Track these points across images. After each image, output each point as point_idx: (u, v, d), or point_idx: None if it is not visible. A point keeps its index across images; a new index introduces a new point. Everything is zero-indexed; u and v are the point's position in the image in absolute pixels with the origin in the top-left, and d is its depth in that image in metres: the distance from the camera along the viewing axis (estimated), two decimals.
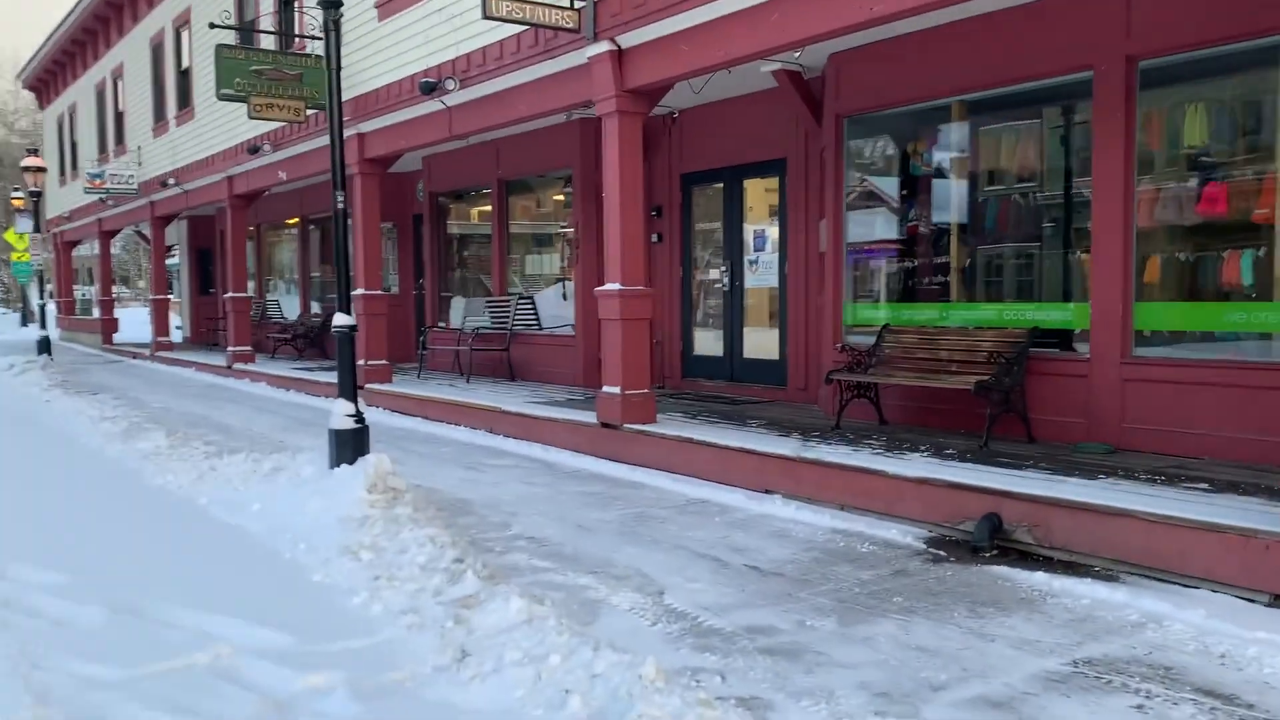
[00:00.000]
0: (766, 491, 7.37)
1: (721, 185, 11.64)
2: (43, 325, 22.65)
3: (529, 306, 14.05)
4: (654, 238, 12.14)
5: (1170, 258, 7.52)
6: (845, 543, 6.11)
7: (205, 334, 25.21)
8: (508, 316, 13.98)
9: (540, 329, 13.89)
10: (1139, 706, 3.71)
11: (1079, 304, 7.83)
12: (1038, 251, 8.40)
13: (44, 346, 21.80)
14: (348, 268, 7.68)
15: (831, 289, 9.65)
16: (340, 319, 7.58)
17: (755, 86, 10.48)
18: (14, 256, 27.73)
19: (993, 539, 5.91)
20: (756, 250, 11.16)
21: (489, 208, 15.16)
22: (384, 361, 13.40)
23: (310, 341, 19.28)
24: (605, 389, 9.03)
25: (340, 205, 7.60)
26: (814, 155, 10.27)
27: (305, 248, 20.90)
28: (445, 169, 15.81)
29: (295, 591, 5.20)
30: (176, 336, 25.82)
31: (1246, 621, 4.55)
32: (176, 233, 26.85)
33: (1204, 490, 5.86)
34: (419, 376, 14.59)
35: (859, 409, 8.67)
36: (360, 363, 12.81)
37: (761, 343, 11.14)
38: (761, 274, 11.10)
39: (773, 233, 10.95)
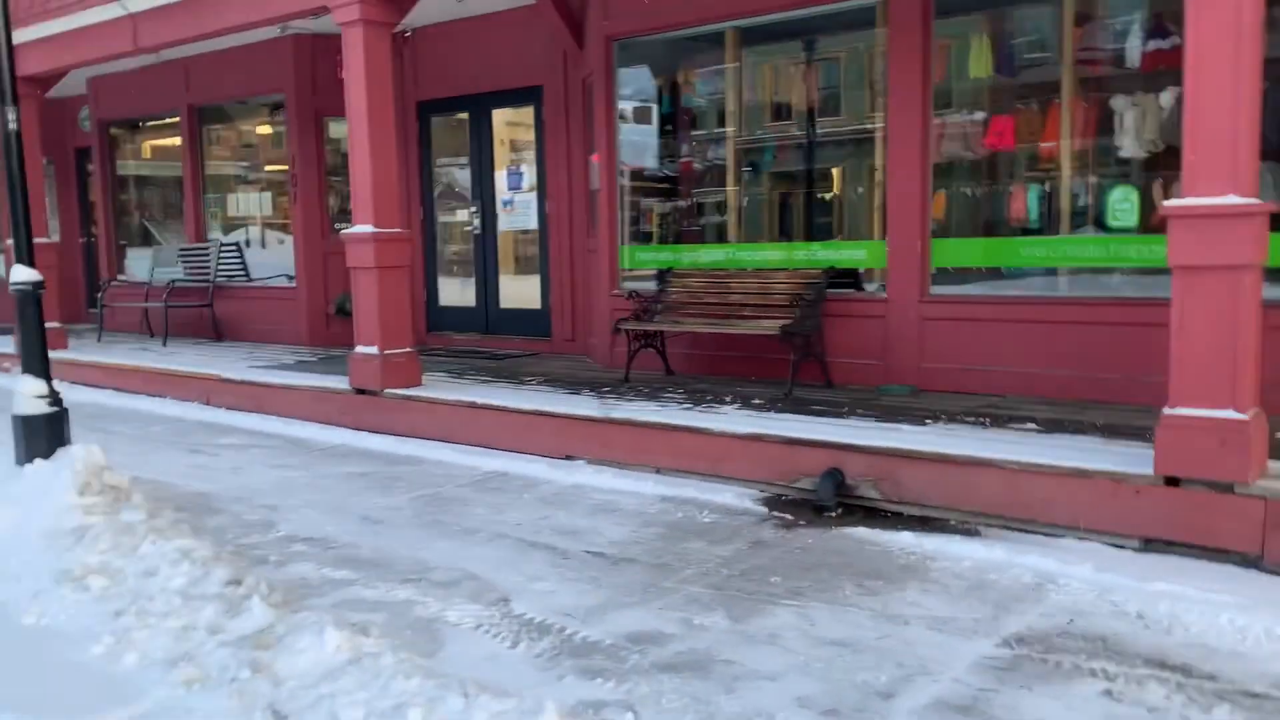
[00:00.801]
0: (568, 458, 6.55)
1: (467, 115, 10.48)
2: None
3: (235, 255, 12.21)
4: None
5: (961, 193, 7.41)
6: (682, 513, 5.43)
7: None
8: (209, 267, 12.08)
9: (250, 280, 12.12)
10: (1107, 692, 3.29)
11: (875, 242, 7.56)
12: (829, 189, 8.08)
13: None
14: (26, 206, 5.94)
15: (605, 231, 8.86)
16: (22, 272, 5.85)
17: (508, 3, 9.40)
18: None
19: (837, 496, 5.46)
20: (511, 190, 10.16)
21: (177, 140, 12.99)
22: (57, 324, 11.13)
23: None
24: (360, 349, 7.77)
25: (13, 126, 5.83)
26: (575, 83, 9.39)
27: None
28: (118, 93, 13.37)
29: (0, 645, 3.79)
30: None
31: (1135, 572, 4.32)
32: None
33: (1035, 431, 5.70)
34: (99, 340, 12.34)
35: (645, 359, 8.01)
36: None
37: (520, 291, 10.21)
38: (518, 215, 10.13)
39: (529, 170, 10.00)
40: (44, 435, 5.84)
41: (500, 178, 10.21)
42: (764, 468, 5.81)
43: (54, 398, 5.93)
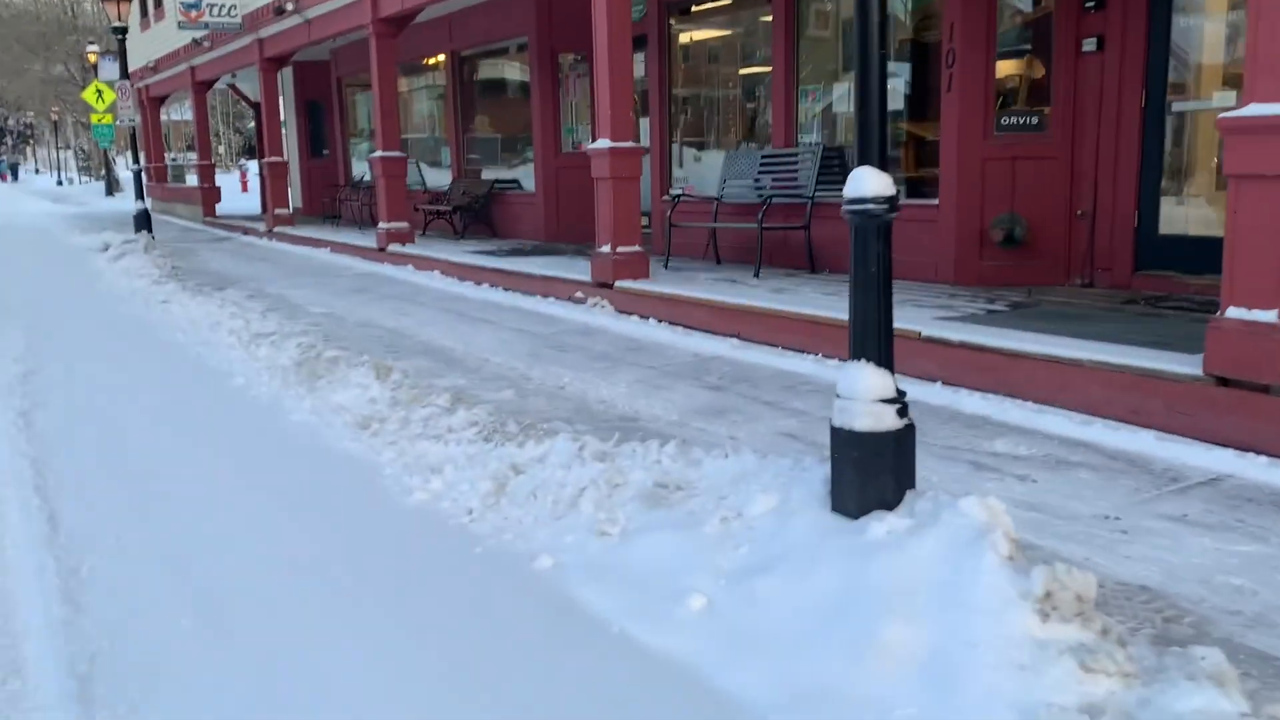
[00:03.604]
0: None
1: None
2: (140, 196, 18.80)
3: (837, 163, 9.67)
4: None
5: None
6: None
7: (323, 205, 21.24)
8: (802, 179, 9.64)
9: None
10: None
11: None
12: None
13: (143, 222, 18.01)
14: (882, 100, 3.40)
15: None
16: (868, 182, 3.33)
17: None
18: (94, 119, 23.95)
19: None
20: None
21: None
22: (637, 248, 9.20)
23: (476, 215, 15.17)
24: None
25: None
26: None
27: (458, 96, 16.57)
28: None
29: None
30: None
31: None
32: (279, 84, 22.64)
33: None
34: (666, 266, 10.40)
35: None
36: (605, 249, 8.77)
37: None
38: None
39: None
40: (890, 468, 3.37)
41: None
42: None
43: (901, 403, 3.44)
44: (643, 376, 6.57)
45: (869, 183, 3.32)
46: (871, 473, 3.35)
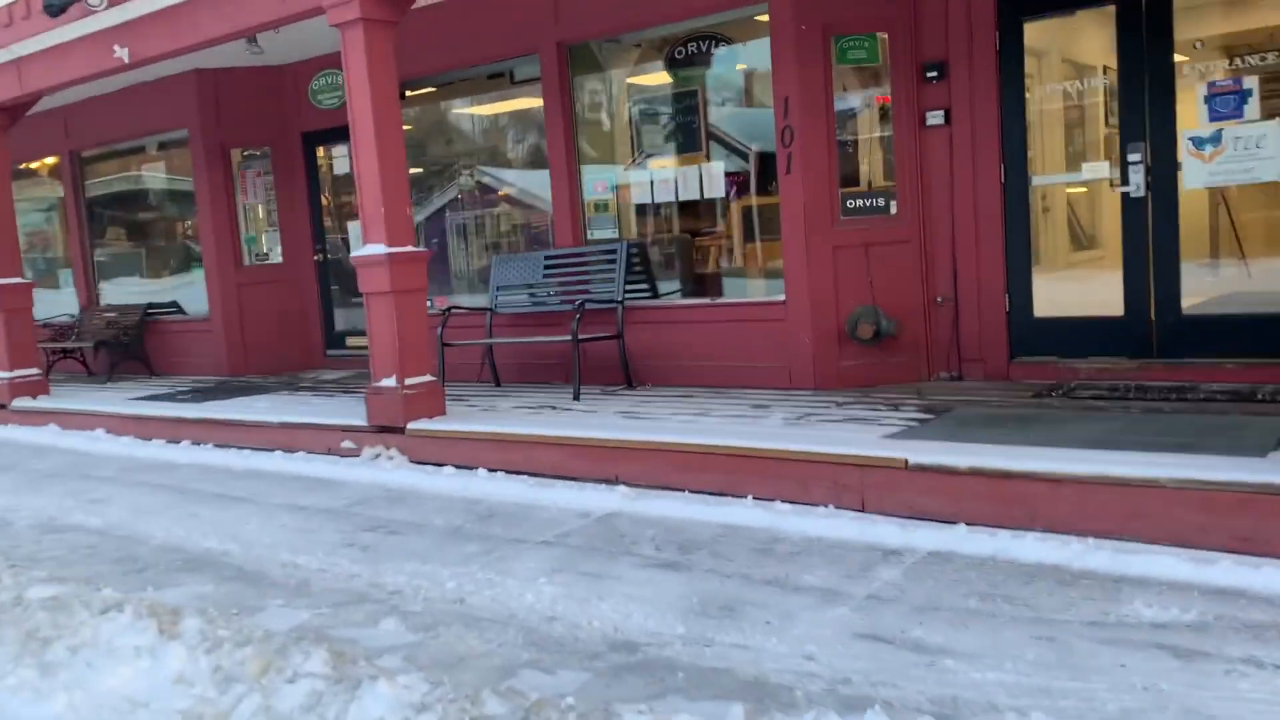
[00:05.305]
0: None
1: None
2: None
3: (640, 261, 8.35)
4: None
5: None
6: None
7: None
8: (593, 281, 8.20)
9: (657, 298, 8.27)
10: None
11: None
12: None
13: None
14: None
15: None
16: None
17: None
18: None
19: None
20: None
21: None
22: (429, 378, 7.15)
23: (125, 350, 11.98)
24: None
25: None
26: None
27: (80, 204, 13.28)
28: None
29: None
30: None
31: None
32: None
33: None
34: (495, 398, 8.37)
35: None
36: (388, 382, 6.86)
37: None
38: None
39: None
40: None
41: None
42: None
43: None
44: (550, 561, 4.68)
45: None
46: None
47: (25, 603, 4.33)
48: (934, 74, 7.07)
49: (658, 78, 8.36)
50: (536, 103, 8.89)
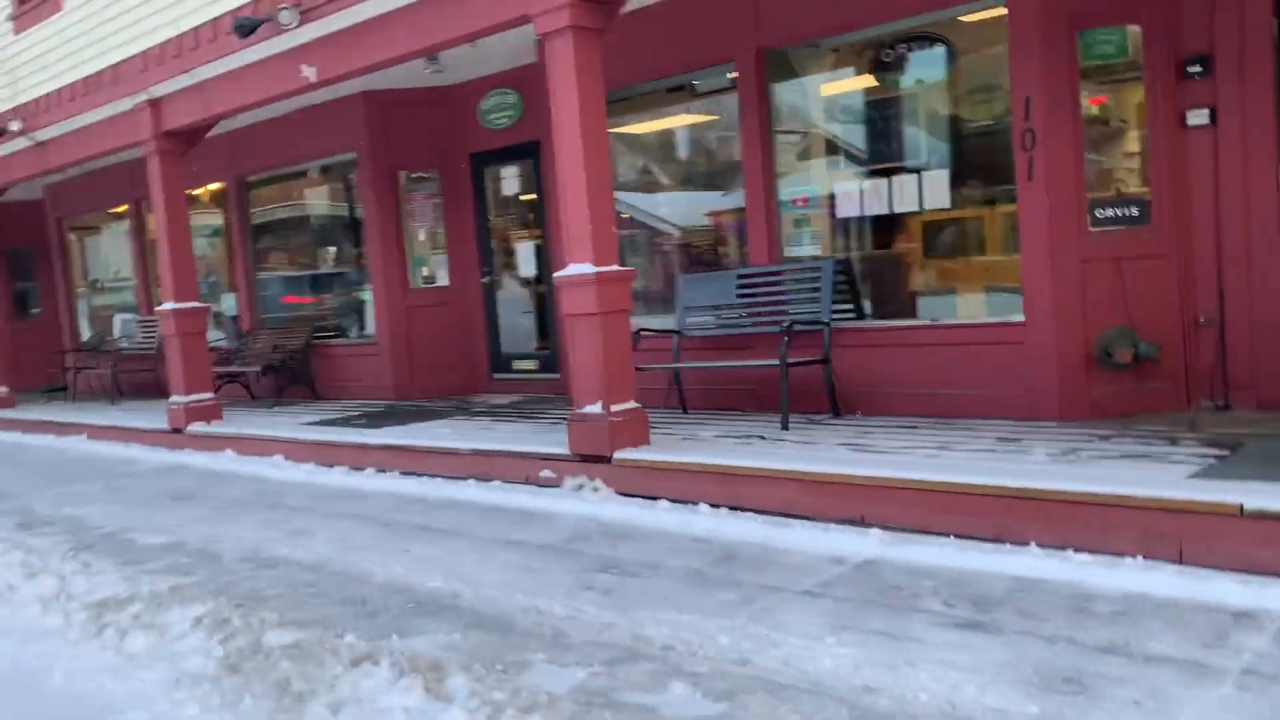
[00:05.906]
0: None
1: None
2: None
3: (846, 280, 7.78)
4: None
5: None
6: None
7: (46, 376, 16.80)
8: (792, 301, 7.64)
9: (862, 318, 7.67)
10: None
11: None
12: None
13: None
14: None
15: None
16: None
17: None
18: None
19: None
20: None
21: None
22: (633, 405, 6.70)
23: (292, 375, 11.94)
24: None
25: None
26: None
27: (245, 228, 13.38)
28: None
29: None
30: None
31: None
32: None
33: None
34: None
35: None
36: (593, 408, 6.38)
37: None
38: None
39: None
40: None
41: None
42: None
43: None
44: (824, 615, 4.12)
45: None
46: None
47: (266, 649, 3.98)
48: (1197, 69, 6.34)
49: (858, 82, 7.80)
50: (711, 117, 8.43)
